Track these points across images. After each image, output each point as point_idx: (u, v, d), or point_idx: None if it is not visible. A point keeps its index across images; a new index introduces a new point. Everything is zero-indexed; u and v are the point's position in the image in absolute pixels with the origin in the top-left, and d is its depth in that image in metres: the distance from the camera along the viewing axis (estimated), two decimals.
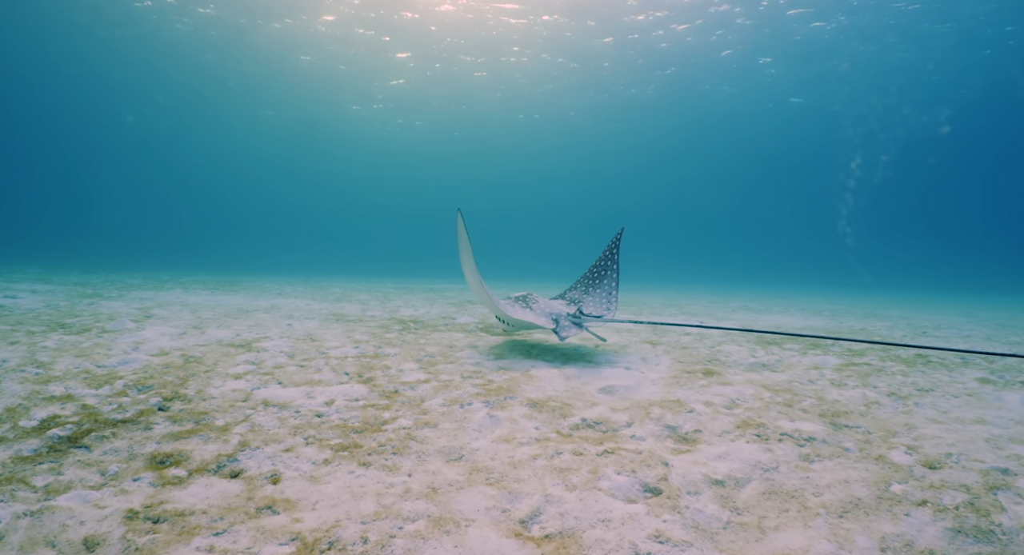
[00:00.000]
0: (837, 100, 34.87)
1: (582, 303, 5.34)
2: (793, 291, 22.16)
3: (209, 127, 45.80)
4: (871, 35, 26.81)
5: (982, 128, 40.87)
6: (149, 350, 4.52)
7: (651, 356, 5.20)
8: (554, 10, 26.90)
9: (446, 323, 7.08)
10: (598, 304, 5.35)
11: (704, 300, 14.50)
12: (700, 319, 8.90)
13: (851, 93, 34.40)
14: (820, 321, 9.32)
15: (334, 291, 12.52)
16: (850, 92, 34.13)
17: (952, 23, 25.82)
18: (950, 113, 37.01)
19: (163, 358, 4.23)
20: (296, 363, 4.18)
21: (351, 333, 5.84)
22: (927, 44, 27.46)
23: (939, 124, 38.75)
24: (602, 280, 5.61)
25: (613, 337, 6.18)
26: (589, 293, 5.58)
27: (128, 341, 4.89)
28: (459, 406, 3.12)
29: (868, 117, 36.72)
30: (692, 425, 2.96)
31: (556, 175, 61.11)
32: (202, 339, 5.14)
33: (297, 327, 6.21)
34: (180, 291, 11.01)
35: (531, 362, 4.56)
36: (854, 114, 36.78)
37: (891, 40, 27.03)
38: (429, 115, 41.20)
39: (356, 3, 26.34)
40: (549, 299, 5.40)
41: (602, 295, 5.49)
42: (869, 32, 26.53)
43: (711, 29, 27.37)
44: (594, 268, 5.77)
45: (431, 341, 5.52)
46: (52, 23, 27.96)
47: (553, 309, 4.90)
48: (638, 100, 37.02)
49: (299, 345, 4.94)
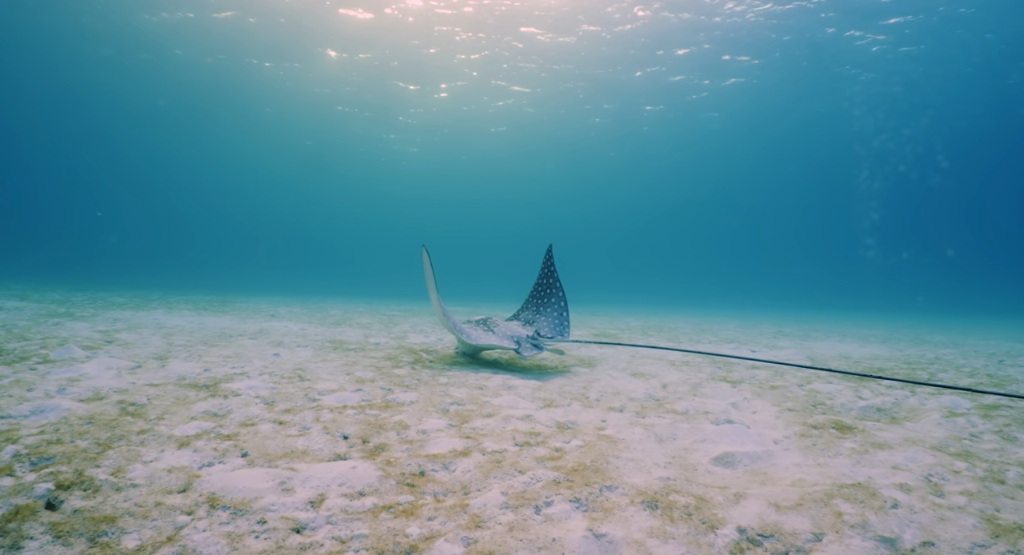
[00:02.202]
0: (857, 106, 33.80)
1: (537, 324, 5.59)
2: (815, 314, 20.82)
3: (219, 147, 45.19)
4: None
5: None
6: (80, 392, 3.33)
7: (739, 399, 4.02)
8: (571, 33, 26.35)
9: (474, 360, 5.89)
10: (551, 325, 5.56)
11: (732, 324, 13.26)
12: (749, 347, 7.69)
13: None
14: (880, 349, 8.08)
15: (333, 313, 11.33)
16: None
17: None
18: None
19: (91, 406, 3.04)
20: (274, 417, 2.99)
21: (352, 368, 4.65)
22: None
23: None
24: (548, 299, 5.81)
25: (651, 367, 4.99)
26: (541, 313, 5.78)
27: (61, 377, 3.71)
28: (533, 509, 1.92)
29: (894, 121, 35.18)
30: (915, 535, 1.77)
31: (559, 197, 60.34)
32: (158, 375, 3.95)
33: (285, 358, 5.02)
34: (162, 311, 9.84)
35: (589, 408, 3.37)
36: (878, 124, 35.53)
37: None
38: (438, 142, 40.57)
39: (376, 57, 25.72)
40: (505, 320, 5.63)
41: (553, 315, 5.68)
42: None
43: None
44: (537, 287, 5.97)
45: (454, 379, 4.33)
46: (59, 27, 27.29)
47: (513, 332, 5.16)
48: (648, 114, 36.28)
49: (283, 386, 3.75)
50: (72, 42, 27.75)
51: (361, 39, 27.04)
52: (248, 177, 55.09)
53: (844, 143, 40.04)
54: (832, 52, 26.43)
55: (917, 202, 52.28)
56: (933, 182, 45.89)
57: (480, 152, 44.02)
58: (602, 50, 27.46)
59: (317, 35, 26.73)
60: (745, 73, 29.27)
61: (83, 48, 28.00)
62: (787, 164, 46.78)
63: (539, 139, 40.26)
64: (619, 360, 6.01)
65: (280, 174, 52.64)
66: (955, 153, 40.98)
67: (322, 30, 26.13)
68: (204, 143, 44.61)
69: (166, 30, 26.58)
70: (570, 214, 66.76)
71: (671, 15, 24.34)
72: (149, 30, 26.50)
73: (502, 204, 63.62)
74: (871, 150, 39.74)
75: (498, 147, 41.92)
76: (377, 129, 38.67)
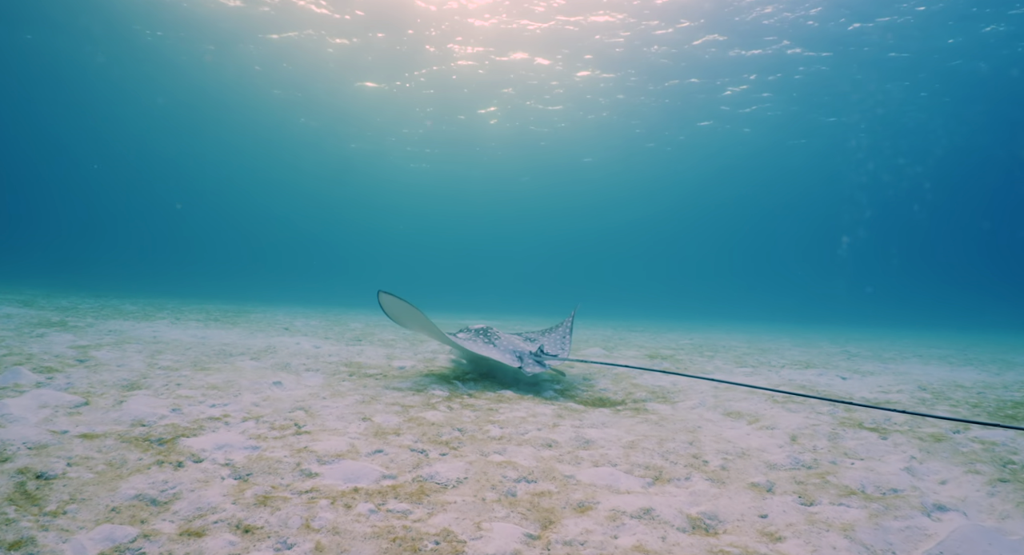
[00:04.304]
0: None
1: (538, 341, 5.47)
2: (856, 330, 18.95)
3: (257, 156, 45.18)
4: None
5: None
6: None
7: (905, 460, 2.83)
8: (587, 65, 25.41)
9: (513, 382, 4.72)
10: (554, 344, 5.45)
11: (786, 340, 11.74)
12: (835, 373, 6.32)
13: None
14: (978, 374, 6.62)
15: (353, 327, 10.27)
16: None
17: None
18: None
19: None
20: (239, 515, 1.85)
21: (370, 407, 3.51)
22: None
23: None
24: (556, 328, 5.85)
25: (746, 404, 3.74)
26: (545, 335, 5.78)
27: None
28: None
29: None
30: None
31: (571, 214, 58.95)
32: (105, 419, 2.86)
33: (287, 389, 3.92)
34: (167, 323, 8.89)
35: (721, 485, 2.18)
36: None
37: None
38: (492, 155, 39.75)
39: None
40: (509, 335, 5.48)
41: (556, 338, 5.62)
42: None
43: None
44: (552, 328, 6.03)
45: (509, 427, 3.16)
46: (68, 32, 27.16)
47: (515, 346, 4.94)
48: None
49: (269, 444, 2.63)
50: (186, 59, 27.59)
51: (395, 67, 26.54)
52: (276, 185, 55.01)
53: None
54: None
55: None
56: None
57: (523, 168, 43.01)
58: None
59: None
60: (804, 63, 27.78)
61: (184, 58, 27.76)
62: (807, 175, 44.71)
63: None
64: (696, 390, 4.81)
65: (307, 185, 52.45)
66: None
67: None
68: (241, 152, 44.54)
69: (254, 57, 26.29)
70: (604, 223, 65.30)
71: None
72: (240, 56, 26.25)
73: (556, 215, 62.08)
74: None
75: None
76: (398, 145, 37.99)
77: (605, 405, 4.21)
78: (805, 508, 2.23)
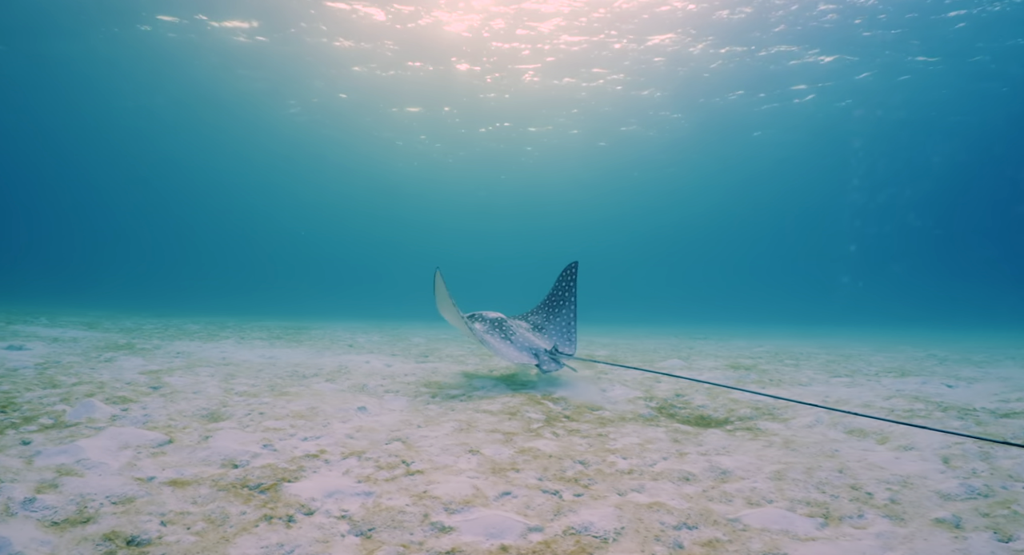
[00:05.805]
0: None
1: (546, 331, 5.48)
2: (896, 332, 17.58)
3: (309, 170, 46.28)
4: None
5: None
6: (55, 506, 1.98)
7: None
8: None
9: (609, 408, 4.28)
10: (562, 337, 5.40)
11: (866, 347, 10.86)
12: (943, 382, 5.62)
13: None
14: None
15: (416, 342, 10.02)
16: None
17: None
18: None
19: (55, 545, 1.66)
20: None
21: (470, 436, 3.14)
22: None
23: None
24: (560, 310, 5.65)
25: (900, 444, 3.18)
26: (550, 321, 5.63)
27: (49, 465, 2.42)
28: None
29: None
30: None
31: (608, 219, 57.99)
32: (193, 460, 2.58)
33: (373, 416, 3.60)
34: (232, 342, 8.81)
35: None
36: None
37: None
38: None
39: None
40: (516, 320, 5.55)
41: (563, 325, 5.51)
42: None
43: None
44: (551, 298, 5.81)
45: (635, 462, 2.74)
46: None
47: (531, 343, 4.98)
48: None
49: (383, 489, 2.28)
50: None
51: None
52: (328, 197, 55.90)
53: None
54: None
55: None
56: None
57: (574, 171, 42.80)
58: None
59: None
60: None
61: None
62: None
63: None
64: (802, 405, 4.26)
65: (359, 197, 53.18)
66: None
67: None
68: (294, 169, 45.60)
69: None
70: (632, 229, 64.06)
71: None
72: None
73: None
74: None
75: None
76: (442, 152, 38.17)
77: (712, 425, 3.79)
78: (1005, 545, 1.78)
